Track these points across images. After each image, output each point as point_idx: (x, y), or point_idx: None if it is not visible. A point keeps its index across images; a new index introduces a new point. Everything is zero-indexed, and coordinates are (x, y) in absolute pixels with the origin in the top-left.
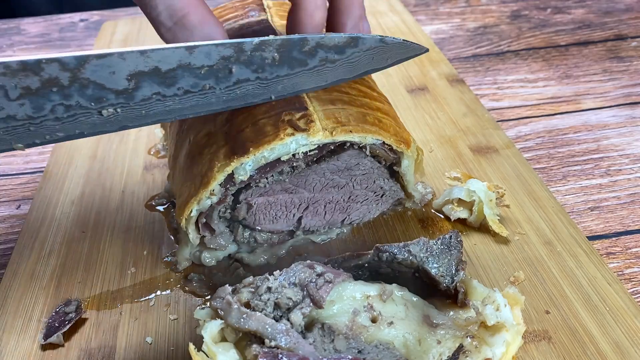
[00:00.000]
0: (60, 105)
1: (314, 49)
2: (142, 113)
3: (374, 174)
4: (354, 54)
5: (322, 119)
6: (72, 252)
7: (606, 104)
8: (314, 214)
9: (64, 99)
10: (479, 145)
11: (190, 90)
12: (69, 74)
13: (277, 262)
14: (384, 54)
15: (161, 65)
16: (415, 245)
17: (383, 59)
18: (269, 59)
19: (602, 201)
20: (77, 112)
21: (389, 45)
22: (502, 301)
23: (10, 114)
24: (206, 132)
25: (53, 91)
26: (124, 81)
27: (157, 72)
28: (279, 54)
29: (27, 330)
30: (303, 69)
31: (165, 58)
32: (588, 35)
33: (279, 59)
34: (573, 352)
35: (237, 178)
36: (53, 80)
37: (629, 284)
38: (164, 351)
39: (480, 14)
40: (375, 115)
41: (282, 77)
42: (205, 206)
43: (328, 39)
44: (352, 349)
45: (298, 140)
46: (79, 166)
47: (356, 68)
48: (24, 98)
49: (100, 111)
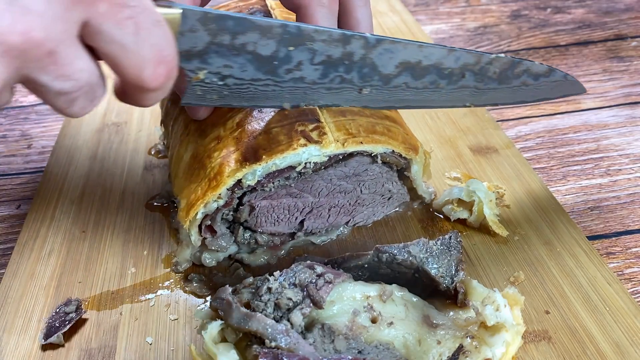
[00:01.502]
0: (339, 77)
1: (522, 72)
2: (387, 97)
3: (383, 178)
4: (542, 83)
5: (333, 130)
6: (72, 252)
7: (606, 104)
8: (317, 217)
9: (345, 72)
10: (479, 145)
11: (428, 87)
12: (363, 52)
13: (277, 263)
14: (560, 87)
15: (424, 60)
16: (415, 246)
17: (557, 91)
18: (491, 72)
19: (602, 201)
20: (346, 85)
21: (568, 81)
22: (502, 301)
23: (303, 76)
24: (215, 135)
25: (344, 63)
26: (392, 67)
27: (417, 65)
28: (500, 70)
29: (27, 330)
30: (506, 86)
31: (430, 55)
32: (588, 35)
33: (497, 75)
34: (573, 352)
35: (244, 183)
36: (351, 54)
37: (629, 283)
38: (164, 351)
39: (480, 13)
40: (384, 124)
41: (490, 89)
42: (212, 209)
43: (535, 67)
44: (352, 349)
45: (310, 151)
46: (79, 166)
47: (537, 94)
48: (321, 65)
49: (362, 89)
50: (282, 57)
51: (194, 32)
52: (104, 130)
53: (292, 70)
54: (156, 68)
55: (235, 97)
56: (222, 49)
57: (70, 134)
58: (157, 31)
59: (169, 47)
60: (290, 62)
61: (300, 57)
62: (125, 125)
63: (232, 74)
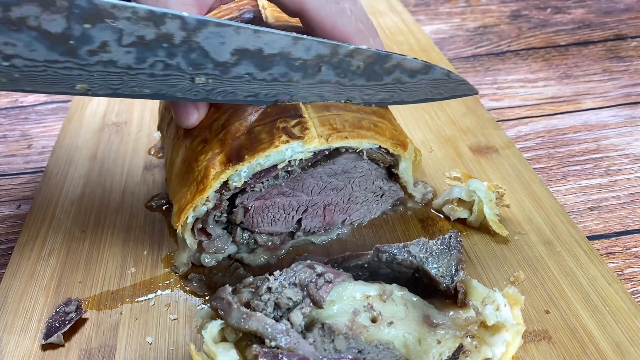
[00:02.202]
0: (161, 62)
1: (393, 68)
2: (228, 89)
3: (372, 175)
4: (421, 81)
5: (317, 125)
6: (72, 252)
7: (606, 104)
8: (313, 216)
9: (167, 57)
10: (479, 145)
11: (278, 79)
12: (184, 34)
13: (277, 262)
14: (443, 87)
15: (266, 48)
16: (415, 246)
17: (440, 91)
18: (354, 66)
19: (602, 201)
20: (173, 73)
21: (452, 80)
22: (502, 301)
23: (113, 59)
24: (202, 138)
25: (162, 47)
26: (227, 54)
27: (259, 54)
28: (364, 64)
29: (28, 330)
30: (377, 84)
31: (272, 42)
32: (588, 35)
33: (363, 69)
34: (573, 351)
35: (231, 184)
36: (168, 36)
37: (629, 283)
38: (164, 351)
39: (480, 13)
40: (371, 119)
41: (357, 87)
42: (201, 212)
43: (407, 61)
44: (352, 349)
45: (293, 148)
46: (79, 166)
47: (416, 94)
48: (133, 47)
49: (194, 78)
50: (78, 35)
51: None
52: (104, 130)
53: (96, 52)
54: None
55: (31, 81)
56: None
57: (70, 134)
58: None
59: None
60: (92, 42)
61: (102, 37)
62: (125, 125)
63: (18, 53)
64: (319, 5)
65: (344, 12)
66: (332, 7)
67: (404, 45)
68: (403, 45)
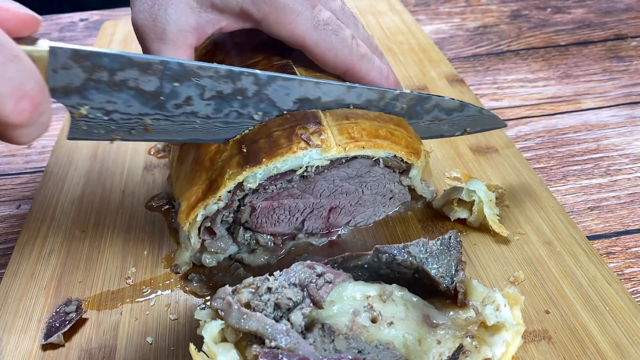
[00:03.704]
0: (235, 112)
1: (432, 107)
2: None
3: (385, 179)
4: (456, 117)
5: (335, 134)
6: (72, 252)
7: (606, 104)
8: (317, 217)
9: (241, 107)
10: (479, 145)
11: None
12: (256, 88)
13: (277, 263)
14: (476, 122)
15: (324, 96)
16: (415, 246)
17: (474, 125)
18: (398, 107)
19: (602, 201)
20: (244, 120)
21: (484, 116)
22: (502, 301)
23: (194, 111)
24: None
25: (237, 99)
26: (290, 103)
27: (317, 101)
28: (407, 105)
29: (28, 330)
30: (417, 122)
31: (329, 91)
32: (588, 35)
33: (406, 110)
34: (573, 352)
35: (246, 186)
36: (243, 90)
37: (629, 283)
38: (164, 351)
39: (480, 13)
40: (388, 127)
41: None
42: (212, 211)
43: (445, 102)
44: (352, 349)
45: (311, 155)
46: (79, 166)
47: (454, 129)
48: (213, 100)
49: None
50: (167, 92)
51: (67, 69)
52: None
53: (181, 105)
54: (18, 103)
55: (125, 132)
56: (102, 86)
57: None
58: (14, 66)
59: (31, 81)
60: (178, 97)
61: (188, 93)
62: None
63: (116, 109)
64: (319, 39)
65: (345, 41)
66: (332, 39)
67: (404, 45)
68: (403, 45)
